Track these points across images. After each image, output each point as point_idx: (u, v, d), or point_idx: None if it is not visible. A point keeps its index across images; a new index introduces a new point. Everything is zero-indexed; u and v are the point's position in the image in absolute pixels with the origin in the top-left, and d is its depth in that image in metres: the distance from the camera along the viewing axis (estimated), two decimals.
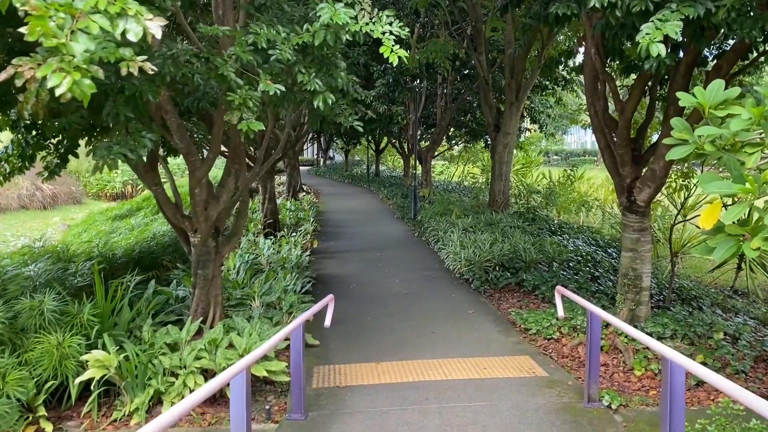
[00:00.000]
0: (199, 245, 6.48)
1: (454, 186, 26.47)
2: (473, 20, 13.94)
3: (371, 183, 30.39)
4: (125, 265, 8.23)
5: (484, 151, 26.71)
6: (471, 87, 20.20)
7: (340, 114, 6.38)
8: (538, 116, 21.59)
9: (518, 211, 15.65)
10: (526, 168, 24.11)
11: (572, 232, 14.37)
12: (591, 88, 7.17)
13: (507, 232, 12.52)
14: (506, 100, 14.24)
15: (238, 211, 7.03)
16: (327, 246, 14.11)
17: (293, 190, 21.70)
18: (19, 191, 23.27)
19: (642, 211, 7.08)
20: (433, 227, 14.18)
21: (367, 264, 12.07)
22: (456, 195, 20.06)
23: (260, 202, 14.33)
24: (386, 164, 41.89)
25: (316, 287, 10.08)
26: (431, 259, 12.45)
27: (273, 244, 11.34)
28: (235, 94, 4.90)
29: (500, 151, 14.42)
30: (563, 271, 10.28)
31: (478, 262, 10.39)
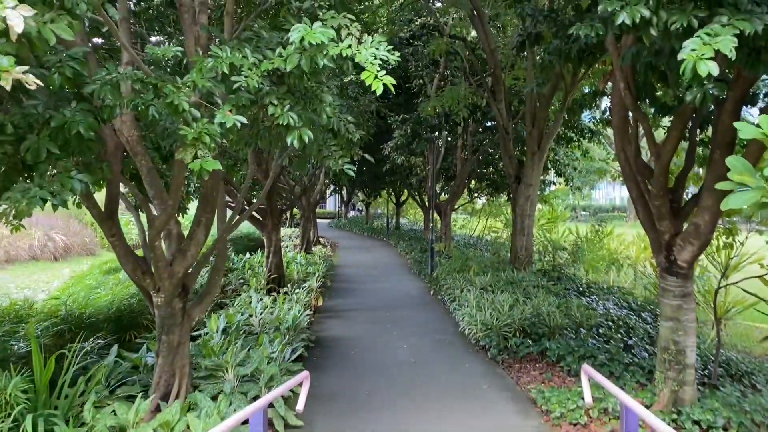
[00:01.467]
0: (163, 306, 5.57)
1: (475, 240, 25.40)
2: (492, 67, 13.21)
3: (390, 236, 29.49)
4: (93, 326, 7.34)
5: (506, 204, 25.72)
6: (492, 138, 19.40)
7: (328, 156, 5.53)
8: (564, 169, 20.61)
9: (542, 268, 14.53)
10: (551, 223, 23.01)
11: (602, 293, 13.17)
12: (621, 130, 6.22)
13: (529, 292, 11.42)
14: (528, 150, 13.34)
15: (214, 267, 6.13)
16: (334, 304, 13.10)
17: (307, 243, 20.88)
18: (30, 242, 22.83)
19: (684, 273, 6.00)
20: (450, 285, 13.13)
21: (375, 325, 11.02)
22: (476, 250, 18.98)
23: (265, 255, 13.47)
24: (407, 217, 41.08)
25: (313, 352, 9.05)
26: (445, 321, 11.35)
27: (272, 302, 10.42)
28: (190, 128, 4.08)
29: (522, 203, 13.44)
30: (592, 338, 9.12)
31: (496, 327, 9.29)
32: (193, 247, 5.52)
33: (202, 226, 5.57)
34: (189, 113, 4.11)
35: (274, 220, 13.00)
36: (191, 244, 5.51)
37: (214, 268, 6.07)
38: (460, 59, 15.69)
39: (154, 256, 5.26)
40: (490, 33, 13.07)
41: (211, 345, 6.84)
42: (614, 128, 6.34)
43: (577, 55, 6.51)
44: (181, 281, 5.56)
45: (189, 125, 4.10)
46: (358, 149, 6.88)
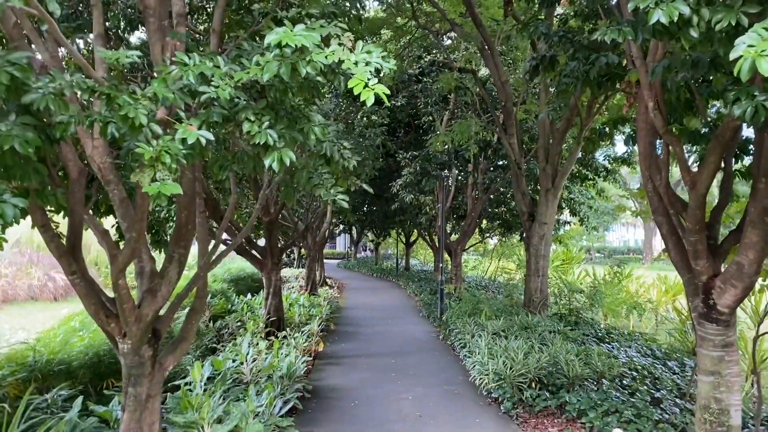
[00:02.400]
0: (130, 354, 4.88)
1: (487, 282, 24.55)
2: (503, 100, 12.69)
3: (400, 277, 28.69)
4: (64, 374, 6.64)
5: (519, 245, 24.96)
6: (504, 176, 18.80)
7: (319, 185, 4.90)
8: (578, 208, 19.90)
9: (558, 312, 13.69)
10: (566, 264, 22.19)
11: (622, 340, 12.29)
12: (648, 157, 5.56)
13: (545, 338, 10.61)
14: (541, 187, 12.69)
15: (191, 309, 5.45)
16: (337, 349, 12.31)
17: (312, 284, 20.15)
18: (30, 281, 22.29)
19: (725, 319, 5.25)
20: (459, 329, 12.32)
21: (379, 373, 10.21)
22: (487, 292, 18.16)
23: (264, 296, 12.77)
24: (417, 258, 40.28)
25: (309, 404, 8.26)
26: (454, 370, 10.51)
27: (267, 348, 9.68)
28: (148, 145, 3.47)
29: (536, 243, 12.71)
30: (616, 390, 8.26)
31: (509, 377, 8.48)
32: (164, 287, 4.85)
33: (175, 263, 4.91)
34: (149, 129, 3.51)
35: (274, 259, 12.34)
36: (162, 283, 4.85)
37: (192, 310, 5.40)
38: (469, 94, 15.22)
39: (118, 297, 4.60)
40: (500, 65, 12.60)
41: (189, 397, 6.10)
42: (640, 156, 5.67)
43: (597, 78, 5.91)
44: (150, 325, 4.87)
45: (149, 143, 3.49)
46: (356, 179, 6.26)
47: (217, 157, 4.29)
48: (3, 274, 21.65)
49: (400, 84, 19.98)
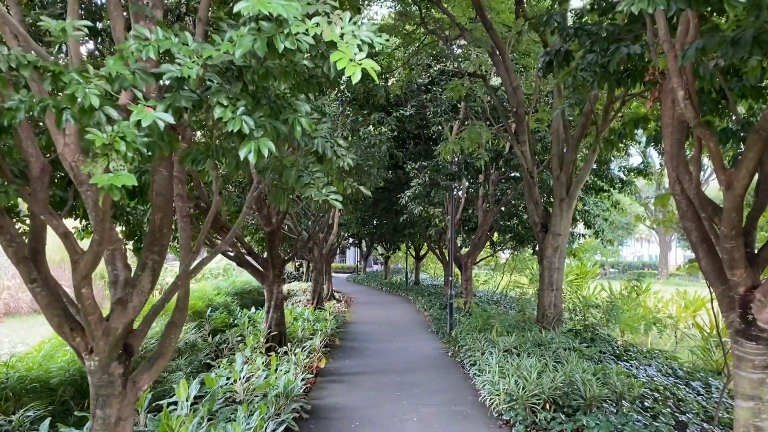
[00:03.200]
0: (97, 372, 4.37)
1: (499, 297, 23.88)
2: (514, 106, 12.16)
3: (409, 292, 28.08)
4: (39, 393, 6.14)
5: (532, 258, 24.30)
6: (515, 188, 18.23)
7: (310, 185, 4.40)
8: (593, 220, 19.25)
9: (573, 328, 13.05)
10: (580, 279, 21.53)
11: (641, 357, 11.63)
12: (676, 156, 5.01)
13: (560, 356, 9.99)
14: (555, 196, 12.12)
15: (169, 322, 4.94)
16: (340, 366, 11.74)
17: (319, 298, 19.62)
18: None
19: (766, 337, 4.66)
20: (469, 345, 11.71)
21: (383, 392, 9.63)
22: (498, 307, 17.51)
23: (265, 310, 12.25)
24: (427, 272, 39.62)
25: (305, 425, 7.71)
26: (463, 389, 9.91)
27: (265, 364, 9.16)
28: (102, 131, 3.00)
29: (549, 255, 12.12)
30: (637, 413, 7.64)
31: (522, 398, 7.88)
32: (135, 297, 4.35)
33: (148, 271, 4.42)
34: (102, 112, 3.03)
35: (275, 270, 11.84)
36: (134, 293, 4.35)
37: (171, 324, 4.89)
38: (480, 102, 14.72)
39: (82, 308, 4.10)
40: (511, 70, 12.10)
41: (169, 419, 5.57)
42: (666, 155, 5.12)
43: (617, 71, 5.39)
44: (121, 340, 4.37)
45: (103, 129, 3.01)
46: (352, 181, 5.75)
47: (190, 150, 3.80)
48: (6, 287, 21.32)
49: (408, 93, 19.54)
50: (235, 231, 5.07)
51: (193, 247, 5.10)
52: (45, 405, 6.04)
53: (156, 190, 4.40)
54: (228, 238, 5.11)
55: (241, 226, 5.01)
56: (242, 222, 5.09)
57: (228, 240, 5.15)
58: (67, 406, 6.66)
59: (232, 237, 5.10)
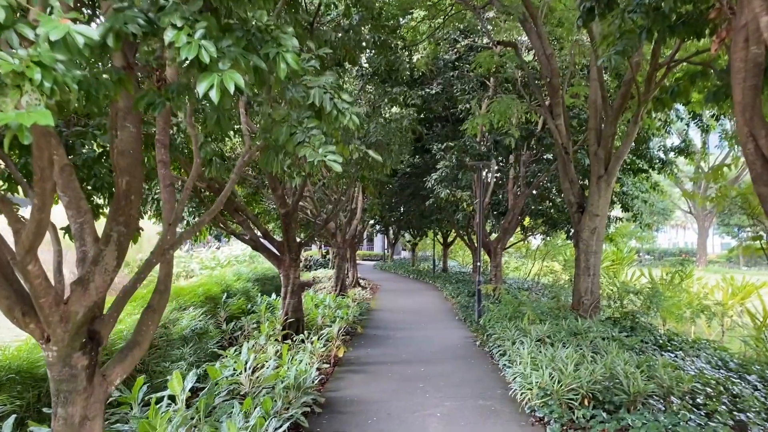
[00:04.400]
0: (56, 364, 3.73)
1: (530, 284, 22.94)
2: (548, 75, 11.23)
3: (437, 279, 27.30)
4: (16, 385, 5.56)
5: (566, 245, 23.30)
6: (548, 168, 17.26)
7: (305, 144, 3.68)
8: (631, 202, 18.17)
9: (612, 316, 12.15)
10: (616, 265, 20.52)
11: (687, 347, 10.69)
12: (748, 106, 4.13)
13: (598, 346, 9.15)
14: (592, 174, 11.19)
15: (147, 307, 4.26)
16: (360, 355, 11.05)
17: (342, 284, 18.98)
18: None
19: None
20: (499, 334, 10.92)
21: (405, 384, 8.92)
22: (530, 294, 16.60)
23: (281, 296, 11.62)
24: (456, 259, 38.75)
25: (317, 420, 7.04)
26: (492, 381, 9.14)
27: (277, 354, 8.52)
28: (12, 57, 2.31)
29: (586, 237, 11.22)
30: (688, 411, 6.78)
31: (557, 392, 7.09)
32: (98, 277, 3.69)
33: (113, 245, 3.75)
34: (15, 31, 2.33)
35: (292, 255, 11.18)
36: (95, 271, 3.69)
37: (148, 309, 4.22)
38: (510, 70, 13.76)
39: (30, 289, 3.45)
40: (544, 36, 11.16)
41: (156, 417, 4.92)
42: (737, 107, 4.24)
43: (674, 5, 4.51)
44: (83, 327, 3.72)
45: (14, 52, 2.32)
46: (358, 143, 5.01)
47: (145, 93, 3.09)
48: None
49: (434, 71, 18.65)
50: (221, 202, 4.36)
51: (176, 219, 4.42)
52: (16, 398, 5.45)
53: (120, 148, 3.71)
54: (213, 210, 4.40)
55: (227, 194, 4.29)
56: (230, 190, 4.38)
57: (213, 212, 4.44)
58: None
59: (218, 209, 4.39)
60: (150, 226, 17.45)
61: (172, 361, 7.79)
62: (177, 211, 4.14)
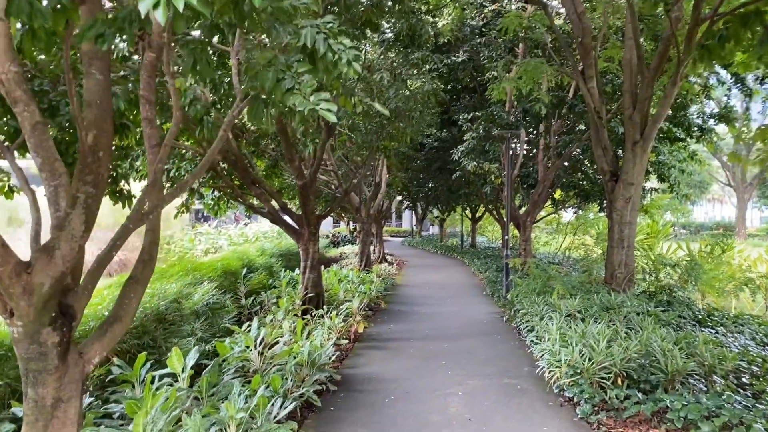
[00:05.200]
0: (23, 341, 3.39)
1: (561, 259, 22.28)
2: (579, 35, 10.52)
3: (465, 254, 26.77)
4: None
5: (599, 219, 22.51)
6: (580, 138, 16.49)
7: (294, 91, 3.23)
8: (668, 172, 17.31)
9: (646, 290, 11.54)
10: (651, 238, 19.66)
11: (729, 323, 10.05)
12: None
13: (633, 322, 8.60)
14: (627, 140, 10.51)
15: (129, 278, 3.89)
16: (382, 331, 10.68)
17: (367, 259, 18.62)
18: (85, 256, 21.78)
19: None
20: (527, 309, 10.42)
21: (426, 361, 8.51)
22: (560, 267, 15.98)
23: (300, 270, 11.28)
24: (485, 235, 38.10)
25: (331, 399, 6.68)
26: (519, 358, 8.68)
27: (292, 329, 8.18)
28: None
29: (620, 207, 10.58)
30: (733, 392, 6.23)
31: (588, 371, 6.60)
32: (64, 244, 3.32)
33: (80, 208, 3.36)
34: None
35: (310, 228, 10.80)
36: (61, 237, 3.32)
37: (131, 281, 3.85)
38: (540, 33, 13.00)
39: None
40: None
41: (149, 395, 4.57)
42: None
43: None
44: (52, 300, 3.36)
45: None
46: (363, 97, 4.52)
47: (93, 22, 2.66)
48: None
49: (460, 37, 17.93)
50: (208, 160, 3.93)
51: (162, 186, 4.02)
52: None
53: (87, 98, 3.31)
54: (199, 169, 3.98)
55: (213, 156, 3.87)
56: (218, 147, 3.95)
57: (199, 172, 4.01)
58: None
59: (204, 167, 3.97)
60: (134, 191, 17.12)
61: (183, 337, 7.50)
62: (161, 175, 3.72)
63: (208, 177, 11.04)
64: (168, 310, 8.14)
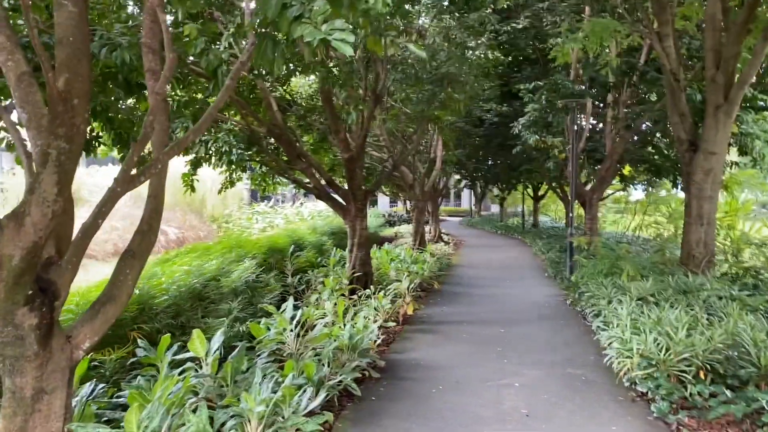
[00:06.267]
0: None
1: (630, 238, 20.97)
2: None
3: (526, 234, 25.71)
4: None
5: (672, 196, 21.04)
6: (653, 109, 15.19)
7: (303, 20, 2.59)
8: (751, 144, 15.76)
9: (729, 272, 10.42)
10: (730, 217, 18.15)
11: None
12: None
13: (714, 307, 7.63)
14: (708, 104, 9.38)
15: (125, 252, 3.36)
16: (434, 313, 10.03)
17: (421, 239, 17.94)
18: None
19: None
20: (593, 292, 9.56)
21: (480, 347, 7.82)
22: (629, 246, 14.84)
23: (348, 249, 10.74)
24: (548, 214, 36.70)
25: (372, 387, 6.11)
26: (584, 345, 7.86)
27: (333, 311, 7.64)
28: None
29: (699, 180, 9.50)
30: None
31: (664, 362, 5.76)
32: (35, 209, 2.80)
33: (52, 166, 2.83)
34: None
35: (357, 204, 10.22)
36: (31, 201, 2.81)
37: (126, 254, 3.32)
38: None
39: None
40: None
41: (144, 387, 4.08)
42: None
43: None
44: (27, 275, 2.86)
45: None
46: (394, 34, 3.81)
47: None
48: (114, 227, 21.52)
49: (521, 2, 16.81)
50: (210, 115, 3.35)
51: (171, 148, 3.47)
52: None
53: (58, 35, 2.77)
54: (199, 126, 3.39)
55: (219, 108, 3.27)
56: (224, 97, 3.36)
57: (199, 130, 3.42)
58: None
59: (205, 125, 3.38)
60: (209, 174, 16.90)
61: (219, 317, 7.07)
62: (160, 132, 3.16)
63: (254, 151, 10.62)
64: (206, 289, 7.74)
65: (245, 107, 9.49)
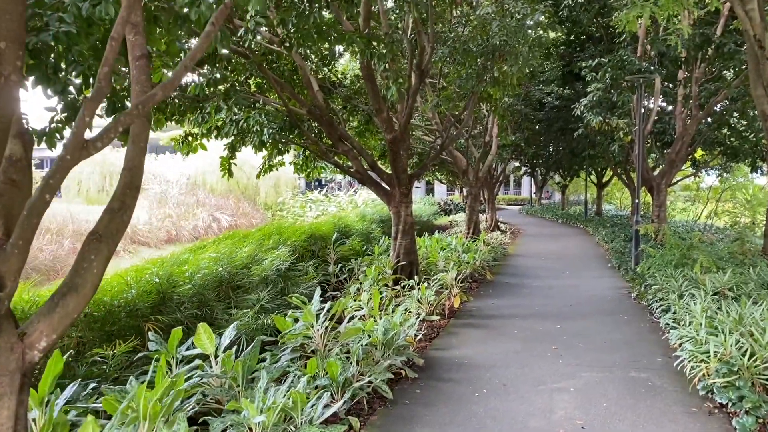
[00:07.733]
0: None
1: (702, 227, 19.52)
2: None
3: (589, 223, 24.42)
4: None
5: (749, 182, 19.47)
6: (729, 86, 13.87)
7: None
8: None
9: None
10: None
11: None
12: None
13: None
14: None
15: (91, 233, 2.83)
16: (484, 306, 9.31)
17: (474, 227, 17.14)
18: (195, 222, 22.18)
19: None
20: (661, 285, 8.63)
21: (533, 344, 7.08)
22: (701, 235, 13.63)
23: (392, 236, 10.13)
24: (613, 203, 35.01)
25: (408, 388, 5.49)
26: (649, 345, 6.99)
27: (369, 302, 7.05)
28: None
29: None
30: None
31: (748, 369, 4.90)
32: None
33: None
34: None
35: (402, 188, 9.59)
36: None
37: (93, 236, 2.79)
38: None
39: None
40: None
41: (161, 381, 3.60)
42: None
43: None
44: None
45: None
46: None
47: None
48: (168, 215, 21.75)
49: None
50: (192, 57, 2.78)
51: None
52: None
53: None
54: (172, 80, 2.83)
55: (194, 59, 2.71)
56: (203, 45, 2.80)
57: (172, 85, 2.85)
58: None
59: (181, 73, 2.82)
60: (249, 156, 16.37)
61: (246, 308, 6.60)
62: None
63: (296, 134, 10.15)
64: (235, 277, 7.30)
65: (285, 87, 9.01)
